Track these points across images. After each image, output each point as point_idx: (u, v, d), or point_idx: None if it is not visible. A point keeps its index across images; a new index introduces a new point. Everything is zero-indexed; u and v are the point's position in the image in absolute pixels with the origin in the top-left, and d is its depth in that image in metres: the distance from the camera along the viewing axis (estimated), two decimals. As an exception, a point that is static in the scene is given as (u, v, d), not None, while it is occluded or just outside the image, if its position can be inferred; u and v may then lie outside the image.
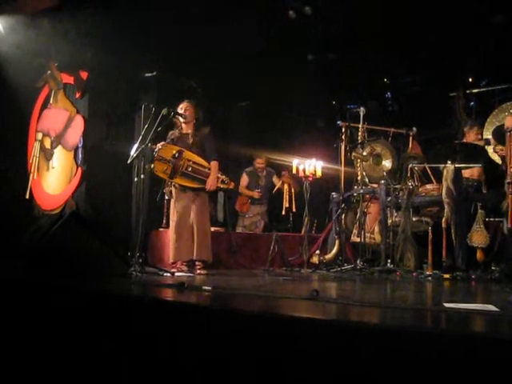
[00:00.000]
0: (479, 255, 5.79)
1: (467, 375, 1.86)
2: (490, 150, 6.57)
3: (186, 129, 6.23)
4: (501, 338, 1.95)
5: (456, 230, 5.79)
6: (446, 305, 2.88)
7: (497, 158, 6.53)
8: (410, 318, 2.66)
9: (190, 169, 6.00)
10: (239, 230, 8.69)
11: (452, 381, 1.88)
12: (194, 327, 2.67)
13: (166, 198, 7.16)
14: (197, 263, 6.00)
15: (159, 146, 6.01)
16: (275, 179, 8.91)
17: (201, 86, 8.55)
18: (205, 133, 6.22)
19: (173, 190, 6.24)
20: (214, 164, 6.09)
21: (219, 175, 6.07)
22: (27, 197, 8.99)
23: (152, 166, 5.97)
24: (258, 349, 2.37)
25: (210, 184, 6.01)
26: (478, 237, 5.74)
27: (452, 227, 5.82)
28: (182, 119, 6.16)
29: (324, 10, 6.99)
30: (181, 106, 6.21)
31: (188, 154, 6.04)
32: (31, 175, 9.10)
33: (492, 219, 6.07)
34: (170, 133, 6.26)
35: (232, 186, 6.24)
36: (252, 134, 9.84)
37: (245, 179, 8.91)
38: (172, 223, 6.14)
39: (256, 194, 8.70)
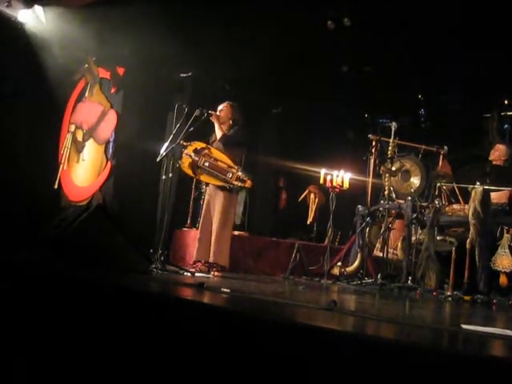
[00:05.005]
0: (502, 280, 5.71)
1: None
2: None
3: (222, 129, 6.21)
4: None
5: (480, 253, 5.71)
6: (464, 326, 2.85)
7: None
8: (427, 336, 2.64)
9: (207, 164, 5.90)
10: None
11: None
12: (209, 327, 2.68)
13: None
14: (213, 266, 5.99)
15: (184, 142, 5.95)
16: None
17: (234, 89, 8.56)
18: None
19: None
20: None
21: (237, 171, 5.81)
22: (56, 187, 9.11)
23: (180, 162, 5.95)
24: (270, 355, 2.37)
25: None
26: (502, 261, 5.67)
27: (476, 249, 5.74)
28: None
29: (362, 23, 6.97)
30: (220, 106, 6.27)
31: (211, 151, 5.98)
32: (61, 166, 9.22)
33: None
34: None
35: (248, 184, 5.84)
36: (281, 142, 9.85)
37: None
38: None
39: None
